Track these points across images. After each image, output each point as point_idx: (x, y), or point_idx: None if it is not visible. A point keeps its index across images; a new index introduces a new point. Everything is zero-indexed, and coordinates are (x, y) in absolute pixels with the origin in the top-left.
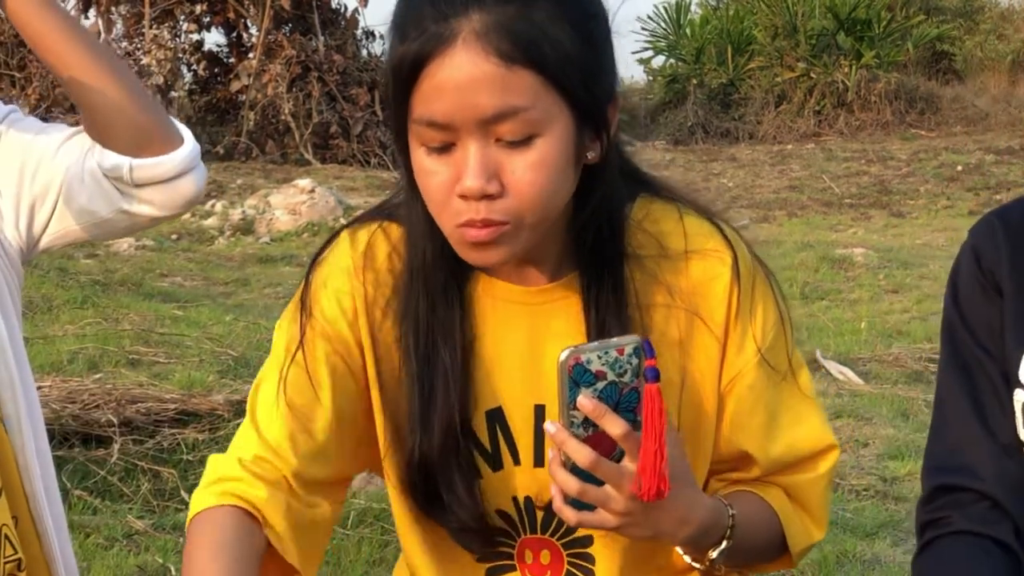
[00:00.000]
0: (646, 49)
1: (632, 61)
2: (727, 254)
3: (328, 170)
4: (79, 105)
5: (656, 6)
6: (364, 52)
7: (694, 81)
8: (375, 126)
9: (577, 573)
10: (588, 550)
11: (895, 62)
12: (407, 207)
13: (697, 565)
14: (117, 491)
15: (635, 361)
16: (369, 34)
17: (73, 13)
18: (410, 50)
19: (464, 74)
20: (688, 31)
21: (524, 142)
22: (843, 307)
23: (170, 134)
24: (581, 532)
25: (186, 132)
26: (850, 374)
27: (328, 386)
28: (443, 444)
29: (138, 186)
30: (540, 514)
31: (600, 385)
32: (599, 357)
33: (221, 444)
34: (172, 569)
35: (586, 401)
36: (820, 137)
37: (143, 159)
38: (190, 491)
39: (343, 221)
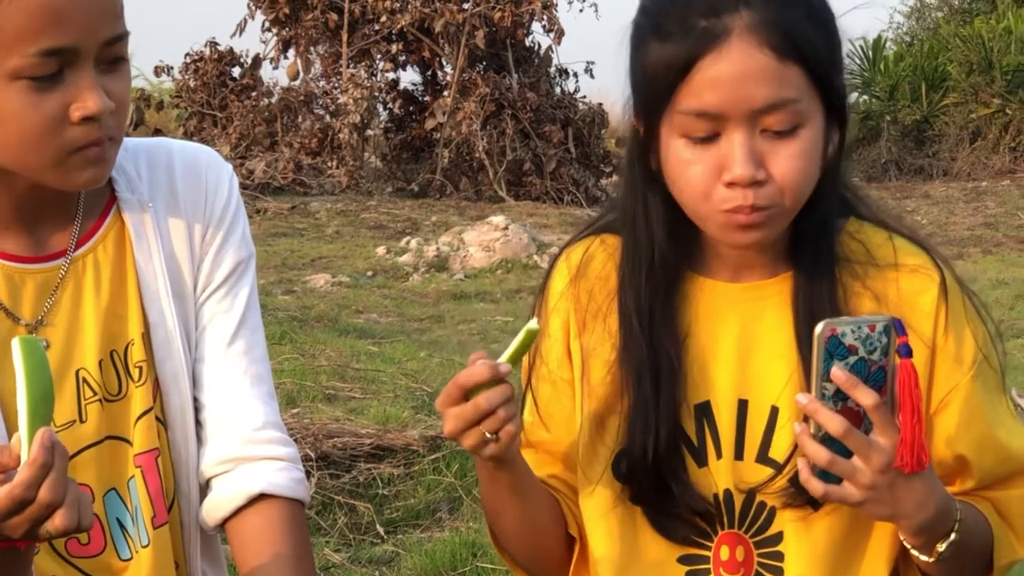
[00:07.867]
0: None
1: None
2: (935, 273)
3: (522, 207)
4: None
5: (851, 42)
6: (557, 89)
7: (888, 118)
8: (568, 163)
9: (764, 573)
10: (778, 548)
11: None
12: (629, 208)
13: (924, 557)
14: (314, 524)
15: (884, 340)
16: (563, 72)
17: (273, 53)
18: (681, 47)
19: (739, 67)
20: (882, 67)
21: (789, 132)
22: None
23: None
24: (772, 530)
25: None
26: None
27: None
28: (671, 433)
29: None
30: (738, 509)
31: (851, 360)
32: (852, 331)
33: (416, 479)
34: None
35: (839, 372)
36: (1015, 174)
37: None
38: (386, 525)
39: (536, 258)
